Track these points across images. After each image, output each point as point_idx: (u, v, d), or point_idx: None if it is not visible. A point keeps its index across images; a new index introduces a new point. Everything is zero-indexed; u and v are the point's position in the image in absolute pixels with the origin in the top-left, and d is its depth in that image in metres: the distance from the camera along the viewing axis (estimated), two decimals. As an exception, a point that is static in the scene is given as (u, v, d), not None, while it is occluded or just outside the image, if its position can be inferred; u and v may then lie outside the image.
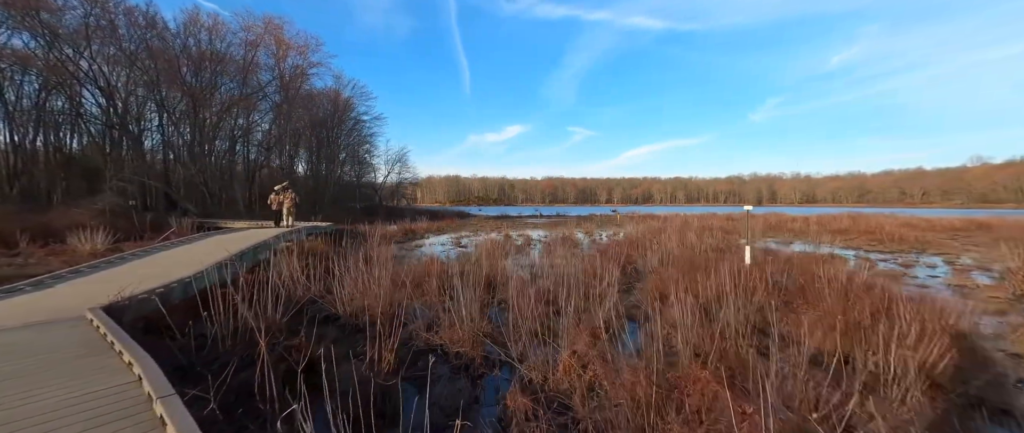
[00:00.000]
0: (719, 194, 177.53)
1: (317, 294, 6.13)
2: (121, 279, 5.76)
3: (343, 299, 5.46)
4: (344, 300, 5.45)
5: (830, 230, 15.16)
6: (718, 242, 10.77)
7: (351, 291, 5.59)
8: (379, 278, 5.53)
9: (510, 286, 5.69)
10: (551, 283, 5.93)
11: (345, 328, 5.12)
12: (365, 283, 5.63)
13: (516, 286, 5.54)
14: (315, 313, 5.54)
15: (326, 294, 6.10)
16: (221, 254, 7.84)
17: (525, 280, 6.31)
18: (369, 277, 5.64)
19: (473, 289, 4.90)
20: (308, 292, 6.11)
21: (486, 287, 6.24)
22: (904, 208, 76.13)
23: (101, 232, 12.81)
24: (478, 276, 6.83)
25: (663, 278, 5.83)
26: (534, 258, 9.69)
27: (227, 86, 31.50)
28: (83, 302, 4.49)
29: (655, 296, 5.06)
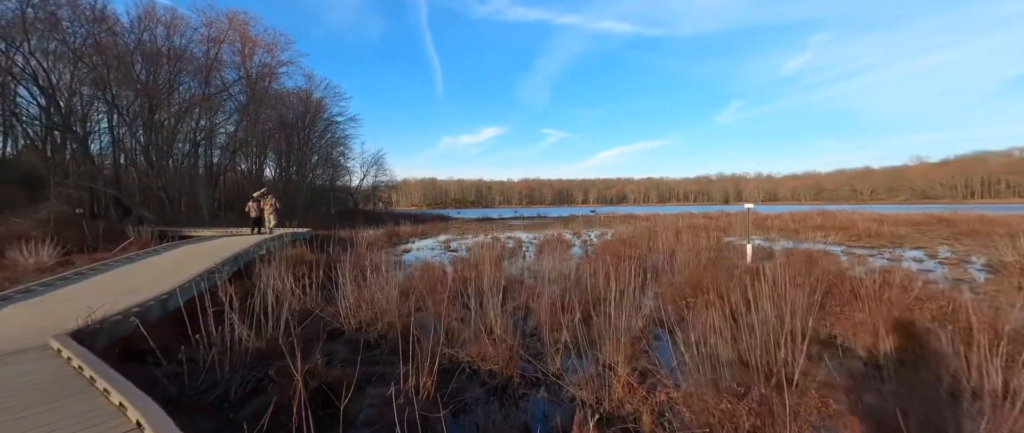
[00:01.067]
0: (689, 193, 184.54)
1: (314, 306, 5.60)
2: (83, 298, 5.02)
3: (347, 312, 4.97)
4: (349, 313, 4.96)
5: (808, 227, 15.88)
6: (711, 241, 10.91)
7: (356, 303, 5.11)
8: (386, 288, 5.08)
9: (522, 292, 5.39)
10: (564, 288, 5.68)
11: (352, 345, 4.65)
12: (371, 293, 5.16)
13: (531, 292, 5.26)
14: (315, 328, 5.04)
15: (324, 306, 5.59)
16: (197, 266, 7.10)
17: (537, 285, 6.03)
18: (376, 287, 5.18)
19: (498, 297, 4.56)
20: (303, 305, 5.57)
21: (492, 291, 5.94)
22: (859, 205, 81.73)
23: (47, 244, 11.45)
24: (490, 282, 6.50)
25: (680, 281, 5.69)
26: (535, 261, 9.43)
27: (187, 85, 29.43)
28: (42, 327, 3.82)
29: (681, 301, 4.88)
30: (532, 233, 22.26)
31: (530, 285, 6.19)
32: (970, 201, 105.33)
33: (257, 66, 32.37)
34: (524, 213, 58.12)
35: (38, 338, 3.41)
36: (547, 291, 5.32)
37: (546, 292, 5.24)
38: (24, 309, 4.54)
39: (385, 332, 4.65)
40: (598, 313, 4.29)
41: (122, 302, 4.72)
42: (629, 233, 15.41)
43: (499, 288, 5.03)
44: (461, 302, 5.44)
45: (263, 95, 33.43)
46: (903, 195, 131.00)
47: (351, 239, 15.09)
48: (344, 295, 5.32)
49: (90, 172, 23.50)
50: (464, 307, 5.34)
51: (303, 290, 5.87)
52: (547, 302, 4.62)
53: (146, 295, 5.05)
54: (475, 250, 12.64)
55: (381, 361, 4.10)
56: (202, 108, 29.02)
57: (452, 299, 5.55)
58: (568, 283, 5.91)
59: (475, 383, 3.57)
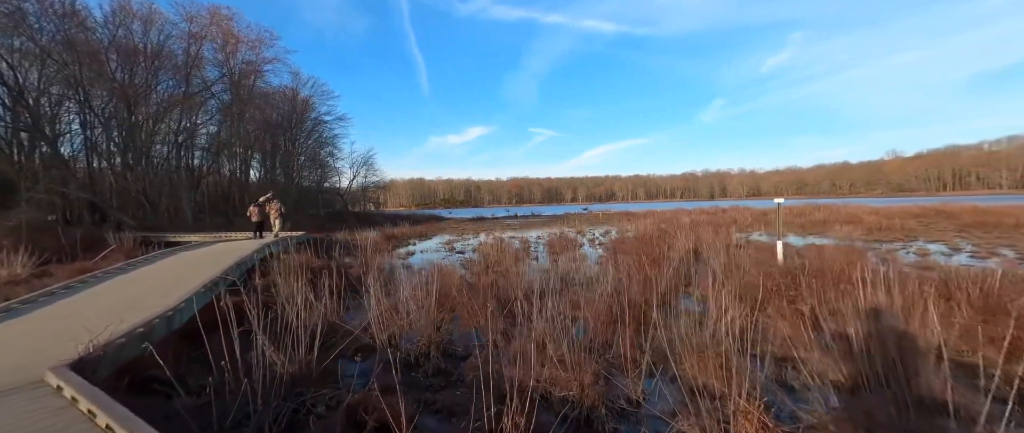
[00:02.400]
0: (676, 190, 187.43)
1: (334, 318, 5.09)
2: (75, 316, 4.42)
3: (380, 325, 4.47)
4: (381, 327, 4.46)
5: (811, 222, 15.92)
6: (723, 238, 10.72)
7: (387, 315, 4.62)
8: (420, 297, 4.60)
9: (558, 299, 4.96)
10: (603, 293, 5.27)
11: (386, 363, 4.17)
12: (402, 304, 4.69)
13: (570, 299, 4.86)
14: (335, 344, 4.54)
15: (347, 318, 5.09)
16: (198, 275, 6.48)
17: (570, 291, 5.64)
18: (406, 296, 4.69)
19: (547, 306, 4.14)
20: (323, 317, 5.05)
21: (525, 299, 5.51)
22: (839, 199, 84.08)
23: (21, 253, 10.54)
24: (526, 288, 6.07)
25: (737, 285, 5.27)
26: (550, 263, 9.01)
27: (166, 84, 28.04)
28: (33, 356, 3.25)
29: (755, 310, 4.44)
30: (533, 232, 21.90)
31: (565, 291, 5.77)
32: (943, 193, 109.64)
33: (240, 64, 31.11)
34: (518, 212, 57.76)
35: (31, 371, 2.86)
36: (592, 298, 4.91)
37: (590, 300, 4.83)
38: (7, 333, 3.92)
39: (424, 348, 4.16)
40: (658, 323, 3.91)
41: (123, 321, 4.14)
42: (639, 231, 15.17)
43: (535, 294, 4.61)
44: (496, 310, 5.00)
45: (247, 94, 32.16)
46: (880, 188, 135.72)
47: (351, 242, 14.46)
48: (372, 306, 4.83)
49: (62, 176, 22.10)
50: (503, 317, 4.91)
51: (317, 299, 5.34)
52: (599, 311, 4.22)
53: (148, 311, 4.47)
54: (483, 251, 12.20)
55: (427, 385, 3.63)
56: (183, 108, 27.70)
57: (482, 306, 5.12)
58: (604, 288, 5.50)
59: (549, 413, 3.10)
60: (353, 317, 5.51)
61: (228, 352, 3.44)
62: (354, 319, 5.41)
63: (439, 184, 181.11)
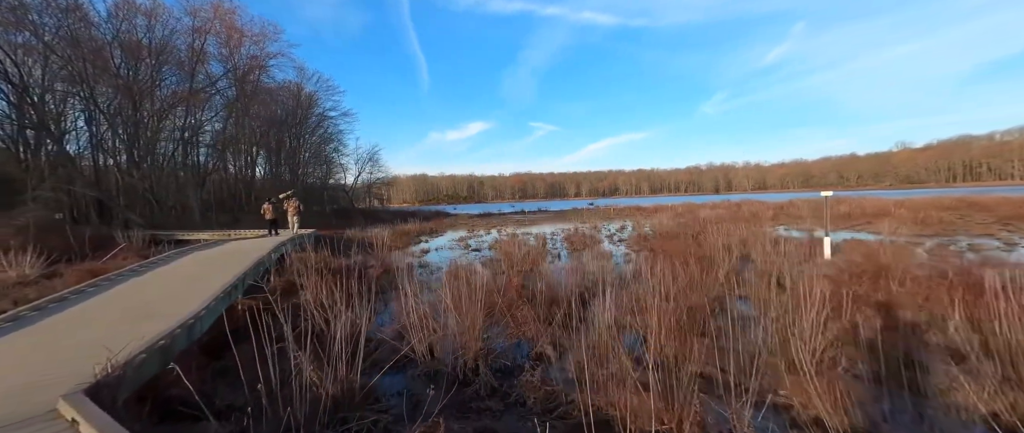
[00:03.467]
0: (680, 184, 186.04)
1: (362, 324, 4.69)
2: (89, 325, 4.06)
3: (421, 335, 4.05)
4: (422, 337, 4.04)
5: (838, 215, 15.33)
6: (749, 233, 10.23)
7: (427, 325, 4.20)
8: (464, 303, 4.16)
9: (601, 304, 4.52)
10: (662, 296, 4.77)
11: (432, 380, 3.73)
12: (442, 310, 4.27)
13: (623, 305, 4.42)
14: (378, 356, 4.15)
15: (378, 325, 4.70)
16: (217, 277, 6.11)
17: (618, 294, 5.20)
18: (450, 303, 4.25)
19: (602, 312, 3.71)
20: (354, 324, 4.66)
21: (567, 303, 5.08)
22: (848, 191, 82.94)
23: (29, 253, 10.25)
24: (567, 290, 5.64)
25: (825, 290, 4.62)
26: (576, 261, 8.54)
27: (170, 80, 27.67)
28: (43, 373, 2.87)
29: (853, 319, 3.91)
30: (545, 228, 21.47)
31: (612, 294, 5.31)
32: (954, 184, 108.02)
33: (245, 59, 30.66)
34: (525, 207, 57.29)
35: (42, 397, 2.48)
36: (645, 303, 4.44)
37: (642, 304, 4.38)
38: (16, 346, 3.55)
39: (470, 362, 3.73)
40: (730, 333, 3.45)
41: (141, 332, 3.77)
42: (659, 226, 14.68)
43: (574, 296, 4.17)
44: (539, 316, 4.59)
45: (252, 89, 31.75)
46: (888, 180, 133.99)
47: (364, 240, 14.12)
48: (408, 312, 4.43)
49: (69, 174, 21.87)
50: (547, 323, 4.49)
51: (349, 305, 4.95)
52: (666, 321, 3.74)
53: (167, 319, 4.09)
54: (504, 249, 11.80)
55: (483, 408, 3.18)
56: (189, 104, 27.36)
57: (523, 310, 4.70)
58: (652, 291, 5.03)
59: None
60: (383, 323, 5.10)
61: (261, 367, 3.05)
62: (384, 326, 5.02)
63: (442, 180, 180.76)
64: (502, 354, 3.87)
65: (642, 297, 4.53)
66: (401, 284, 4.71)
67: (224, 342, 4.95)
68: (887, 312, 3.96)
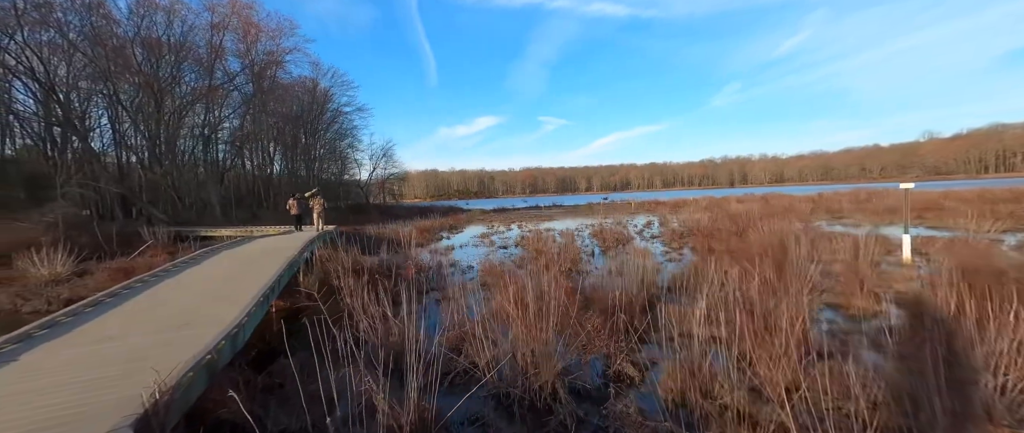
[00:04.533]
0: (694, 178, 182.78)
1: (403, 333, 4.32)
2: (127, 334, 3.78)
3: (482, 349, 3.64)
4: (482, 351, 3.62)
5: (884, 209, 14.41)
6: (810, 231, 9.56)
7: (490, 336, 3.78)
8: (532, 316, 3.70)
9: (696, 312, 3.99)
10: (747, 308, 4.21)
11: (504, 408, 3.28)
12: (510, 322, 3.85)
13: (713, 316, 3.92)
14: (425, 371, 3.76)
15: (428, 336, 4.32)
16: (253, 278, 5.83)
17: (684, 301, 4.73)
18: (522, 315, 3.79)
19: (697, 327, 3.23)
20: (388, 333, 4.28)
21: (640, 310, 4.61)
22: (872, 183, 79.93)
23: (60, 251, 10.23)
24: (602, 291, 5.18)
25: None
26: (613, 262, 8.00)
27: (189, 77, 27.86)
28: (83, 401, 2.56)
29: None
30: (566, 223, 20.97)
31: (681, 300, 4.81)
32: (985, 176, 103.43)
33: (261, 54, 30.68)
34: (540, 202, 56.74)
35: (81, 422, 2.17)
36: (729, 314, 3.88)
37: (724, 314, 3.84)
38: (53, 360, 3.28)
39: (547, 384, 3.26)
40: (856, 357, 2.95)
41: (183, 341, 3.46)
42: (689, 221, 14.03)
43: (641, 305, 3.67)
44: (610, 327, 4.13)
45: (269, 85, 31.81)
46: (915, 172, 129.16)
47: (387, 237, 13.84)
48: (461, 323, 4.04)
49: (94, 171, 22.19)
50: (613, 333, 4.04)
51: (377, 305, 4.57)
52: (761, 336, 3.27)
53: (208, 327, 3.79)
54: (535, 246, 11.36)
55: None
56: (209, 100, 27.52)
57: (587, 320, 4.25)
58: (731, 298, 4.49)
59: None
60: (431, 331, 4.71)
61: (315, 384, 2.69)
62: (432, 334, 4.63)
63: (452, 175, 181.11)
64: (575, 372, 3.42)
65: (716, 305, 4.03)
66: (444, 287, 4.30)
67: (266, 352, 4.65)
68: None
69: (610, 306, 4.67)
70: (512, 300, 3.97)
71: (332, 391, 2.71)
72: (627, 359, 3.50)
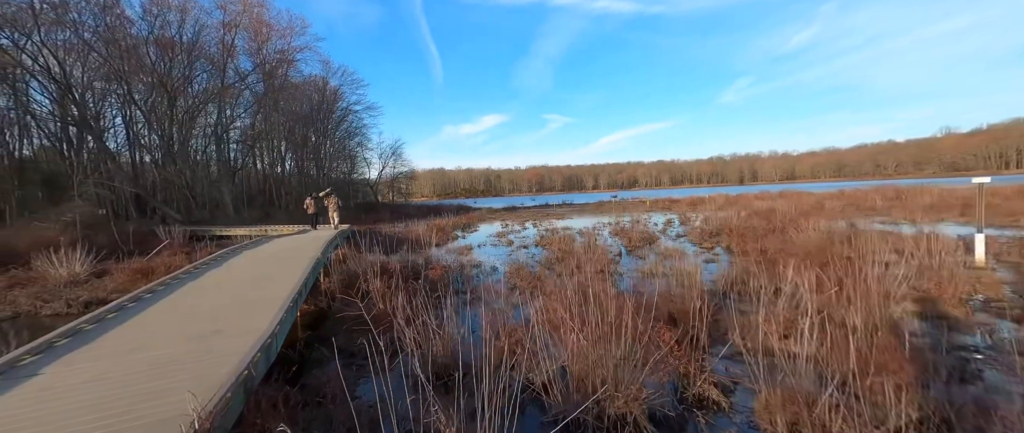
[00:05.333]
0: (702, 175, 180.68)
1: (453, 344, 4.00)
2: (154, 343, 3.51)
3: (541, 366, 3.25)
4: (541, 368, 3.24)
5: (923, 207, 13.74)
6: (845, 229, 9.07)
7: (544, 350, 3.41)
8: (591, 328, 3.32)
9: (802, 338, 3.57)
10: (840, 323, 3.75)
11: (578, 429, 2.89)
12: (569, 335, 3.47)
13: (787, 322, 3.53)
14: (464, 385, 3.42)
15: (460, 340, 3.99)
16: (279, 280, 5.56)
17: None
18: (580, 326, 3.41)
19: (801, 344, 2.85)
20: (445, 344, 3.94)
21: (701, 320, 4.21)
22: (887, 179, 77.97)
23: (79, 251, 10.12)
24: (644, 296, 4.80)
25: None
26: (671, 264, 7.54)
27: (201, 77, 27.91)
28: (111, 420, 2.28)
29: None
30: (581, 221, 20.55)
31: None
32: (1007, 172, 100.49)
33: (273, 53, 30.64)
34: (549, 200, 56.27)
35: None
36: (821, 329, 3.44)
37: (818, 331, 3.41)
38: (76, 371, 3.01)
39: (618, 409, 2.89)
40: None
41: (215, 353, 3.18)
42: (712, 220, 13.54)
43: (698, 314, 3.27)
44: (679, 341, 3.75)
45: (280, 84, 31.78)
46: (932, 168, 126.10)
47: (405, 236, 13.59)
48: (508, 332, 3.70)
49: (110, 170, 22.30)
50: (677, 348, 3.66)
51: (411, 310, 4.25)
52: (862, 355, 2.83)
53: (239, 336, 3.51)
54: (555, 245, 11.01)
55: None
56: (221, 99, 27.56)
57: (656, 333, 3.87)
58: (800, 305, 4.06)
59: None
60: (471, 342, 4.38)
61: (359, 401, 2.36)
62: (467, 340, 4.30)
63: (459, 174, 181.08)
64: (648, 394, 3.02)
65: (793, 316, 3.62)
66: (474, 289, 3.97)
67: (295, 361, 4.36)
68: None
69: (664, 315, 4.27)
70: (568, 308, 3.61)
71: (390, 409, 2.38)
72: (708, 380, 3.11)
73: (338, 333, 5.07)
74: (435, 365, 3.62)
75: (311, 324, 5.83)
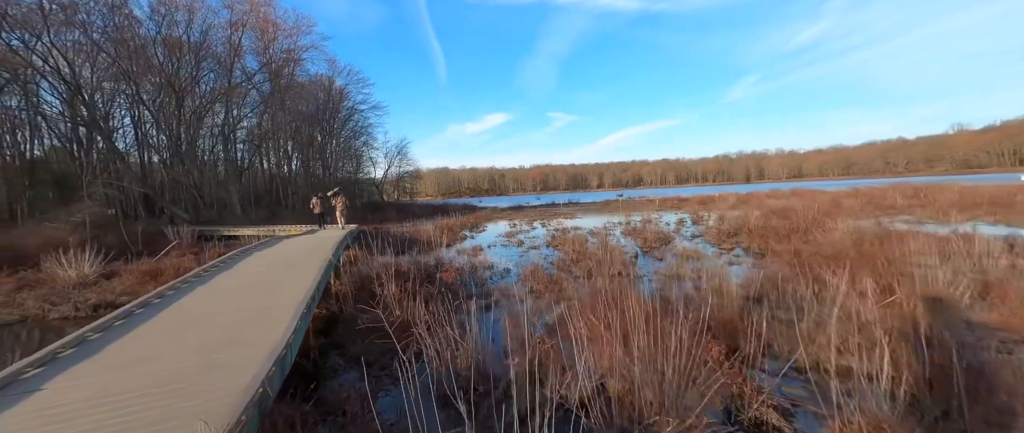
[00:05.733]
0: (708, 174, 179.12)
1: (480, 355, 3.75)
2: (164, 353, 3.32)
3: (576, 382, 3.00)
4: (576, 385, 2.98)
5: (946, 205, 13.25)
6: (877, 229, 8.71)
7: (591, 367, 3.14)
8: (643, 345, 3.04)
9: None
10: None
11: None
12: (606, 346, 3.22)
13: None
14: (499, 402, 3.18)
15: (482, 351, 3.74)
16: (291, 284, 5.37)
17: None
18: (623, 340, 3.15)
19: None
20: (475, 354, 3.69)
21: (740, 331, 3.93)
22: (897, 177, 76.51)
23: (88, 251, 10.04)
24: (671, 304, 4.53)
25: None
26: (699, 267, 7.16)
27: (209, 77, 27.93)
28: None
29: None
30: (591, 220, 20.26)
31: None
32: (1021, 169, 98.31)
33: (280, 53, 30.60)
34: (555, 199, 55.92)
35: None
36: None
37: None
38: (80, 385, 2.82)
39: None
40: None
41: (227, 365, 2.97)
42: (738, 219, 13.12)
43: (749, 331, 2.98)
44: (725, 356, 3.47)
45: (287, 83, 31.76)
46: (943, 165, 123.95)
47: (412, 236, 13.39)
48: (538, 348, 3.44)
49: (118, 170, 22.36)
50: (726, 363, 3.39)
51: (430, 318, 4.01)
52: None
53: (253, 347, 3.30)
54: (569, 246, 10.75)
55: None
56: (230, 99, 27.57)
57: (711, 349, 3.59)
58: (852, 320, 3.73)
59: None
60: (496, 352, 4.16)
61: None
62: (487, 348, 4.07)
63: (463, 173, 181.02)
64: (694, 414, 2.76)
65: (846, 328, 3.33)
66: (490, 293, 3.72)
67: (307, 371, 4.15)
68: None
69: (699, 323, 3.96)
70: (602, 317, 3.35)
71: (420, 429, 2.15)
72: (767, 402, 2.83)
73: (352, 340, 4.86)
74: (458, 377, 3.39)
75: (323, 329, 5.63)
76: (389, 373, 3.74)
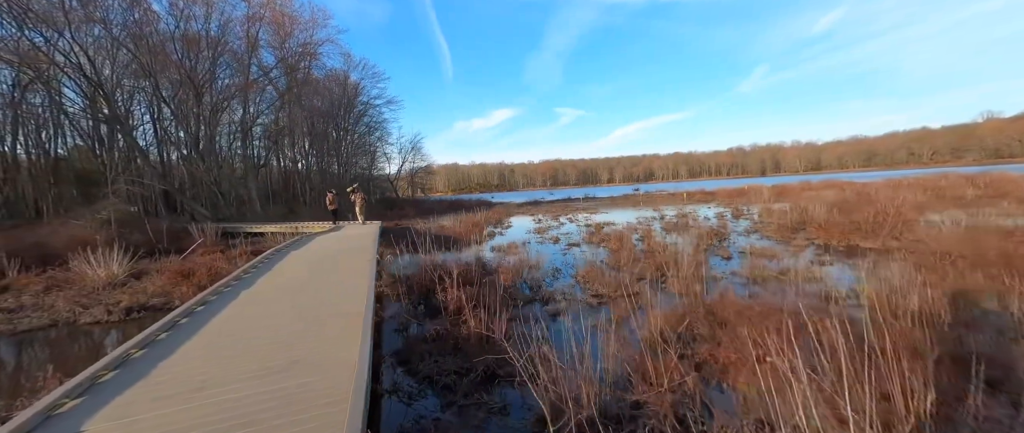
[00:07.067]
0: (722, 166, 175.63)
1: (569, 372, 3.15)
2: (219, 373, 2.80)
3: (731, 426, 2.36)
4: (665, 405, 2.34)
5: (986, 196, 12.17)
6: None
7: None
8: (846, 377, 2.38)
9: None
10: None
11: None
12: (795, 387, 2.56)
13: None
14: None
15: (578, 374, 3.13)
16: (340, 288, 4.84)
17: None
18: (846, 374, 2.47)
19: None
20: (536, 372, 3.08)
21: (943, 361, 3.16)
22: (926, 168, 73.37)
23: (116, 250, 9.73)
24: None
25: None
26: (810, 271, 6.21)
27: (226, 72, 27.75)
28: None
29: None
30: (617, 215, 19.50)
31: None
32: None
33: (296, 47, 30.24)
34: (571, 194, 55.07)
35: None
36: None
37: None
38: (131, 422, 2.30)
39: None
40: None
41: (302, 396, 2.42)
42: (799, 212, 12.13)
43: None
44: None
45: (303, 78, 31.46)
46: (971, 155, 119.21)
47: (438, 233, 12.86)
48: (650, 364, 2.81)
49: (140, 167, 22.32)
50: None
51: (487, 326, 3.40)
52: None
53: (322, 370, 2.76)
54: (616, 243, 10.07)
55: None
56: (247, 94, 27.38)
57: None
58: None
59: None
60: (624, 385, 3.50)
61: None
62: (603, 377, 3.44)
63: (473, 169, 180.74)
64: None
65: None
66: (552, 298, 3.07)
67: (376, 394, 3.58)
68: None
69: (891, 349, 3.12)
70: (782, 342, 2.65)
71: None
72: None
73: (414, 355, 4.29)
74: (558, 410, 2.77)
75: (375, 339, 5.10)
76: (476, 402, 3.14)
